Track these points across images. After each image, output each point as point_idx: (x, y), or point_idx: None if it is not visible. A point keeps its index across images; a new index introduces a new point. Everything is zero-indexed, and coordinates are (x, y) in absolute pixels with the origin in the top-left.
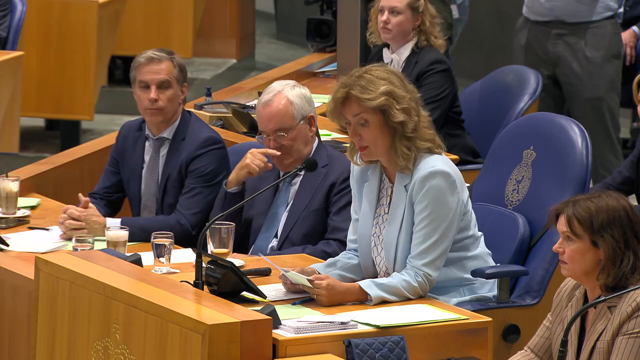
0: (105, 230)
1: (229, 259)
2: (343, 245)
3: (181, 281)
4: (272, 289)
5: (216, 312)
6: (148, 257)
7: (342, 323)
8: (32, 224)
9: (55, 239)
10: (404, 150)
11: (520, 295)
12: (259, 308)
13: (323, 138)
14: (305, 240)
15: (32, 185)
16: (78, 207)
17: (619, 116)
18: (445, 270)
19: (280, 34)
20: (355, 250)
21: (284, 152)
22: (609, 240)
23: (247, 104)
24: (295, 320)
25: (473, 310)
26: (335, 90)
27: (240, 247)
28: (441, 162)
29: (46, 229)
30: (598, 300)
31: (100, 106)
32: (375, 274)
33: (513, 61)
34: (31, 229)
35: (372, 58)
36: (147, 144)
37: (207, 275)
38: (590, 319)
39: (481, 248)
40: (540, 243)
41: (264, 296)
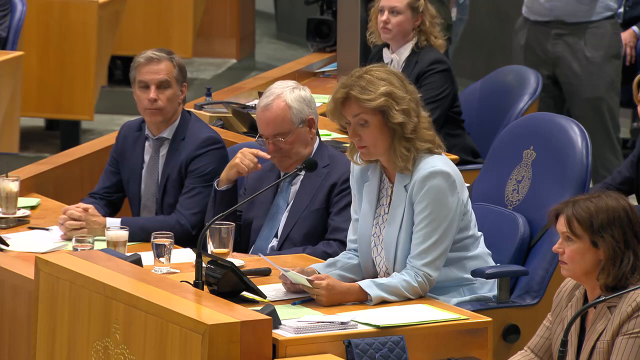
0: (105, 230)
1: (229, 259)
2: (343, 245)
3: (181, 281)
4: (272, 289)
5: (216, 312)
6: (148, 257)
7: (342, 323)
8: (32, 224)
9: (55, 239)
10: (403, 151)
11: (520, 295)
12: (259, 308)
13: (323, 138)
14: (306, 241)
15: (32, 185)
16: (78, 208)
17: (619, 116)
18: (445, 270)
19: (280, 34)
20: (355, 250)
21: (283, 155)
22: (609, 240)
23: (247, 104)
24: (295, 320)
25: (473, 310)
26: (335, 90)
27: (238, 246)
28: (441, 162)
29: (46, 229)
30: (598, 300)
31: (100, 106)
32: (375, 274)
33: (513, 61)
34: (31, 229)
35: (372, 58)
36: (147, 144)
37: (207, 275)
38: (590, 319)
39: (481, 248)
40: (540, 243)
41: (264, 296)
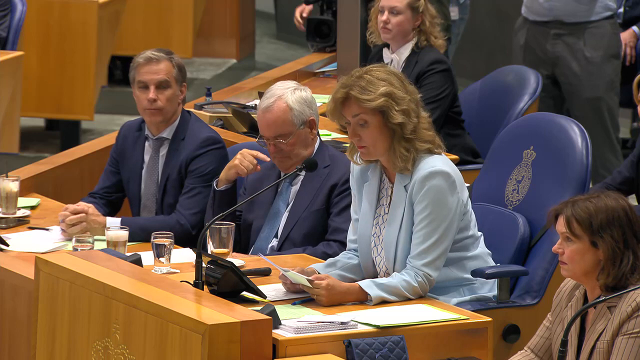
0: (105, 230)
1: (229, 259)
2: (343, 246)
3: (181, 281)
4: (272, 289)
5: (216, 312)
6: (148, 257)
7: (342, 323)
8: (32, 224)
9: (55, 239)
10: (403, 151)
11: (520, 295)
12: (259, 308)
13: (323, 138)
14: (306, 241)
15: (32, 185)
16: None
17: (619, 116)
18: (445, 270)
19: (280, 34)
20: (355, 250)
21: (283, 156)
22: (609, 240)
23: (247, 104)
24: (295, 320)
25: (473, 310)
26: (335, 90)
27: (237, 247)
28: (441, 162)
29: (46, 229)
30: (598, 300)
31: (100, 106)
32: (375, 274)
33: (513, 61)
34: (31, 229)
35: (372, 58)
36: (147, 144)
37: (207, 275)
38: (590, 319)
39: (481, 248)
40: (540, 243)
41: (264, 296)
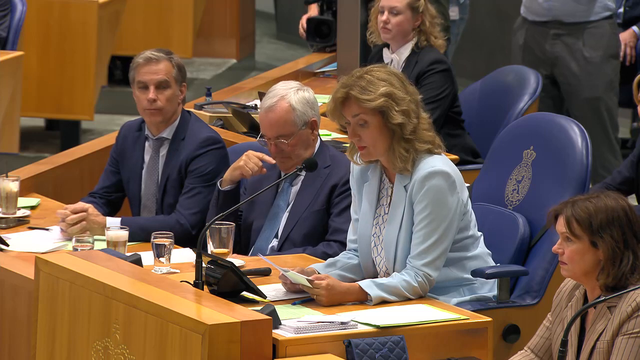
0: (105, 230)
1: (229, 259)
2: (344, 247)
3: (181, 281)
4: (272, 289)
5: (216, 312)
6: (148, 257)
7: (342, 323)
8: (32, 224)
9: (55, 238)
10: (402, 152)
11: (520, 295)
12: (259, 308)
13: (323, 138)
14: (306, 241)
15: (32, 185)
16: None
17: (618, 116)
18: (445, 270)
19: (280, 34)
20: (355, 250)
21: (284, 156)
22: (608, 240)
23: (247, 104)
24: (295, 320)
25: (473, 310)
26: (335, 90)
27: (237, 247)
28: (441, 162)
29: (46, 229)
30: (598, 300)
31: (100, 106)
32: (375, 274)
33: (512, 61)
34: (31, 229)
35: (372, 58)
36: (147, 144)
37: (207, 275)
38: (590, 319)
39: (481, 248)
40: (540, 243)
41: (264, 296)
